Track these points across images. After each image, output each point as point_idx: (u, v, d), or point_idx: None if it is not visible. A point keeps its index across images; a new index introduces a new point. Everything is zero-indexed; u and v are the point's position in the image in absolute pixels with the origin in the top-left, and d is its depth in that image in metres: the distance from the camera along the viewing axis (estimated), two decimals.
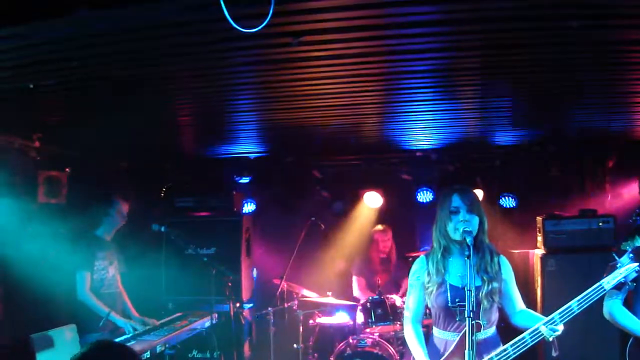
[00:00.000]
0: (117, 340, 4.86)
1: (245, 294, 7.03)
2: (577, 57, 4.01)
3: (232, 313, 6.03)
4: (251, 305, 7.26)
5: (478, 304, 3.35)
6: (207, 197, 7.36)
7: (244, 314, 6.55)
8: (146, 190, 7.29)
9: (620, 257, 3.50)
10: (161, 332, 5.18)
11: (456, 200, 3.53)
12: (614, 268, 3.46)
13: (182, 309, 6.36)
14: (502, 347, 3.39)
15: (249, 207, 7.79)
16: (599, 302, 3.87)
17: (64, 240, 5.50)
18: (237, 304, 6.30)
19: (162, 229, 5.56)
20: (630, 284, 3.47)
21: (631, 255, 3.47)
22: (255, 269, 7.62)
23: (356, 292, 7.25)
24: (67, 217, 5.80)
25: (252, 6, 2.81)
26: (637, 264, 3.44)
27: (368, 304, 6.45)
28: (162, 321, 5.66)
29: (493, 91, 4.88)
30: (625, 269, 3.43)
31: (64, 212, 5.87)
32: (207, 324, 5.74)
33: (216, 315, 5.94)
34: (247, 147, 7.03)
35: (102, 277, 5.45)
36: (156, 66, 3.96)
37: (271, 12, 2.70)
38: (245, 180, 7.65)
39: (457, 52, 3.88)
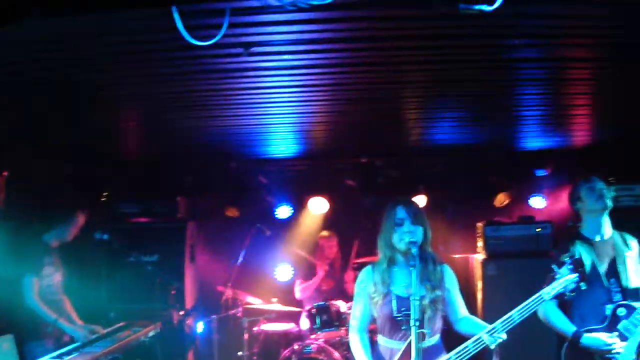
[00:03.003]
0: (62, 350, 4.73)
1: (189, 302, 6.96)
2: (518, 72, 4.18)
3: (176, 321, 5.95)
4: (195, 313, 7.18)
5: (422, 312, 3.42)
6: (151, 203, 7.23)
7: (188, 322, 6.47)
8: (88, 195, 7.11)
9: (559, 268, 3.64)
10: (104, 344, 5.05)
11: (401, 212, 3.61)
12: (553, 279, 3.61)
13: (125, 318, 6.21)
14: (446, 356, 3.49)
15: (193, 213, 7.69)
16: None
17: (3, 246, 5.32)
18: (181, 312, 6.22)
19: (105, 236, 5.45)
20: (569, 294, 3.62)
21: (570, 266, 3.63)
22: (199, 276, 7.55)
23: (298, 294, 7.25)
24: (6, 222, 5.61)
25: (206, 18, 2.81)
26: (576, 275, 3.60)
27: (313, 310, 6.47)
28: (106, 331, 5.54)
29: (437, 103, 5.01)
30: (564, 279, 3.58)
31: (4, 217, 5.67)
32: (152, 333, 5.63)
33: (160, 324, 5.85)
34: (191, 153, 6.96)
35: (49, 283, 5.29)
36: (108, 72, 3.90)
37: (225, 25, 2.70)
38: (190, 186, 7.55)
39: (403, 65, 3.98)
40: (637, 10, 3.09)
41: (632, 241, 4.27)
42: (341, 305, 6.51)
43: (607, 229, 4.24)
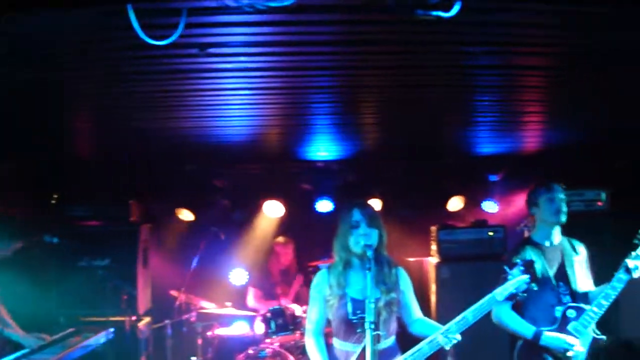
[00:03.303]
0: (8, 358, 4.58)
1: (142, 306, 6.83)
2: (474, 79, 4.24)
3: (128, 327, 5.85)
4: (148, 317, 7.05)
5: (377, 314, 3.44)
6: (103, 206, 7.06)
7: (140, 327, 6.35)
8: (36, 197, 6.92)
9: (511, 269, 3.71)
10: (54, 350, 4.91)
11: (357, 215, 3.63)
12: (505, 280, 3.67)
13: (76, 323, 6.06)
14: (401, 357, 3.52)
15: (146, 216, 7.55)
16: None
17: None
18: (134, 317, 6.10)
19: (54, 240, 5.30)
20: (521, 294, 3.69)
21: (522, 268, 3.70)
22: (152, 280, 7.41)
23: (251, 302, 7.18)
24: None
25: (162, 17, 2.77)
26: (527, 276, 3.67)
27: (268, 314, 6.44)
28: (54, 338, 5.38)
29: (393, 108, 5.05)
30: (516, 280, 3.65)
31: None
32: (103, 339, 5.52)
33: (111, 330, 5.73)
34: (145, 155, 6.85)
35: None
36: (61, 71, 3.80)
37: (182, 25, 2.66)
38: (144, 188, 7.42)
39: (356, 70, 4.01)
40: (589, 20, 3.17)
41: (580, 247, 4.39)
42: (296, 309, 6.50)
43: (557, 235, 4.35)
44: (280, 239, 7.32)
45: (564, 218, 4.26)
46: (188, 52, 3.41)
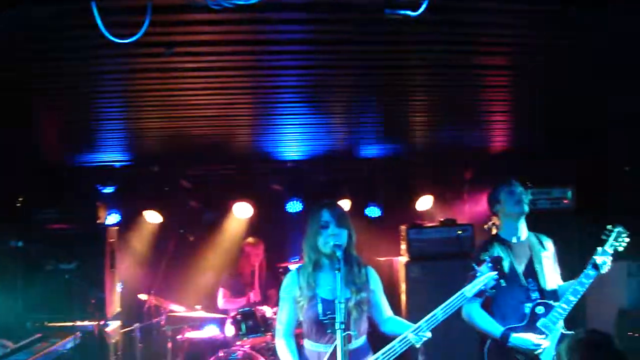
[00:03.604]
0: None
1: (110, 311, 6.72)
2: (440, 79, 4.27)
3: (96, 331, 5.76)
4: (117, 322, 6.95)
5: (348, 314, 3.42)
6: (68, 209, 6.93)
7: (108, 332, 6.25)
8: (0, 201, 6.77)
9: (479, 266, 3.74)
10: (20, 357, 4.81)
11: (326, 215, 3.62)
12: (474, 277, 3.69)
13: (42, 329, 5.94)
14: (373, 357, 3.52)
15: (113, 219, 7.45)
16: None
17: None
18: (102, 322, 6.00)
19: (19, 243, 5.19)
20: (489, 291, 3.72)
21: (490, 264, 3.73)
22: (121, 284, 7.30)
23: (221, 304, 7.14)
24: None
25: (127, 15, 2.72)
26: (495, 272, 3.70)
27: (238, 316, 6.39)
28: (20, 344, 5.26)
29: (361, 108, 5.06)
30: (484, 277, 3.68)
31: None
32: (70, 344, 5.41)
33: (79, 335, 5.62)
34: (112, 156, 6.75)
35: None
36: (25, 70, 3.73)
37: (147, 23, 2.62)
38: (109, 190, 7.32)
39: (325, 70, 4.00)
40: (555, 19, 3.22)
41: (548, 242, 4.44)
42: (267, 310, 6.46)
43: (524, 231, 4.39)
44: (250, 239, 7.26)
45: (526, 208, 4.31)
46: (154, 51, 3.36)
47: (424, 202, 7.68)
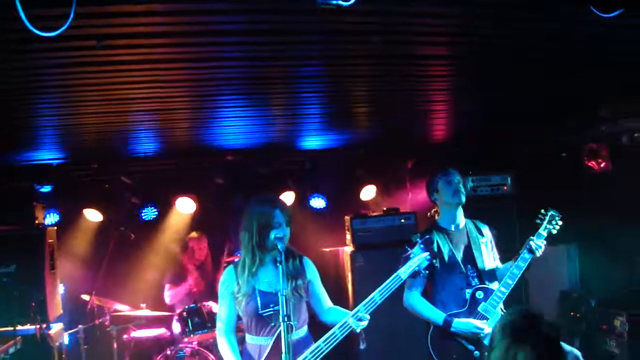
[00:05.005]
0: None
1: (52, 313, 6.53)
2: (379, 69, 4.29)
3: (38, 335, 5.61)
4: (59, 324, 6.77)
5: (286, 301, 3.42)
6: (4, 210, 6.69)
7: (51, 335, 6.08)
8: None
9: (412, 248, 3.81)
10: None
11: (279, 217, 3.62)
12: (407, 259, 3.76)
13: None
14: (314, 345, 3.54)
15: (51, 219, 7.24)
16: (402, 291, 4.18)
17: None
18: (44, 325, 5.84)
19: None
20: (423, 271, 3.80)
21: (422, 246, 3.80)
22: (62, 285, 7.11)
23: (168, 299, 7.07)
24: None
25: (51, 7, 2.63)
26: (428, 253, 3.78)
27: (184, 313, 6.34)
28: None
29: (302, 100, 5.05)
30: (417, 258, 3.76)
31: None
32: (12, 350, 5.24)
33: (20, 340, 5.46)
34: (48, 154, 6.55)
35: None
36: None
37: (72, 15, 2.54)
38: (46, 189, 7.11)
39: (262, 61, 3.97)
40: (490, 10, 3.27)
41: (485, 229, 4.56)
42: (213, 306, 6.41)
43: (462, 218, 4.48)
44: (194, 234, 7.22)
45: (463, 198, 4.39)
46: (85, 44, 3.26)
47: (368, 192, 7.75)
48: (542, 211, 4.34)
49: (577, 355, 4.05)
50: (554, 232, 4.30)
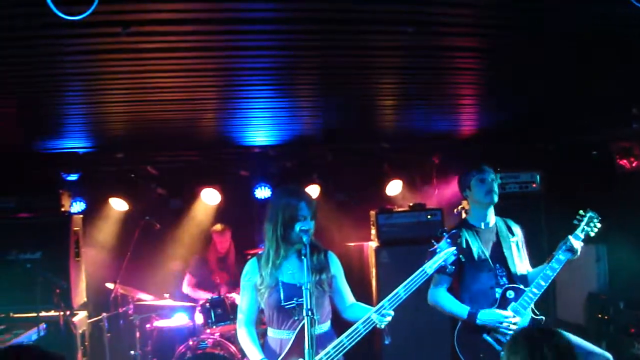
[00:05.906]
0: None
1: (76, 301, 6.58)
2: (409, 61, 4.20)
3: (61, 322, 5.65)
4: (83, 312, 6.82)
5: (310, 295, 3.36)
6: (31, 197, 6.74)
7: (75, 322, 6.12)
8: None
9: (438, 242, 3.72)
10: None
11: (304, 210, 3.55)
12: (434, 253, 3.68)
13: (5, 321, 5.80)
14: (337, 340, 3.48)
15: (77, 207, 7.27)
16: (426, 287, 4.10)
17: None
18: (67, 312, 5.88)
19: None
20: (450, 267, 3.71)
21: (448, 240, 3.72)
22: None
23: (185, 289, 7.10)
24: None
25: None
26: (455, 247, 3.69)
27: (207, 304, 6.35)
28: None
29: (331, 91, 4.97)
30: (444, 253, 3.67)
31: None
32: (34, 336, 5.31)
33: (44, 326, 5.51)
34: (74, 142, 6.58)
35: None
36: None
37: (97, 1, 2.51)
38: (73, 177, 7.16)
39: (295, 51, 3.90)
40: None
41: (516, 228, 4.43)
42: (236, 298, 6.40)
43: (492, 216, 4.36)
44: (218, 226, 7.20)
45: (495, 198, 4.27)
46: (111, 31, 3.23)
47: (394, 187, 7.66)
48: (581, 212, 4.20)
49: (608, 358, 3.94)
50: (592, 234, 4.16)
